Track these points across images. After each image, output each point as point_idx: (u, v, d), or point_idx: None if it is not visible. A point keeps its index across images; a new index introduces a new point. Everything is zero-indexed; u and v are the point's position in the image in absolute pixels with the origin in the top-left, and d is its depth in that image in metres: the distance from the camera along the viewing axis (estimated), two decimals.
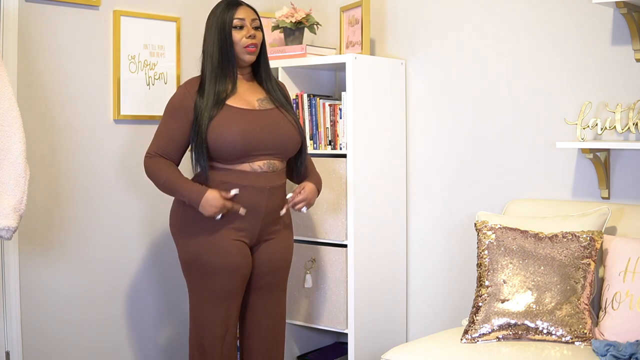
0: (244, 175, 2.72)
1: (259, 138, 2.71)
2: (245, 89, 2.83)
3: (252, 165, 2.73)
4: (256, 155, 2.73)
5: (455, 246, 3.41)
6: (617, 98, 2.92)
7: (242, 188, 2.71)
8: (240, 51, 2.76)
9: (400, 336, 3.52)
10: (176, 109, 2.77)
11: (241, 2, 2.81)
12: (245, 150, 2.70)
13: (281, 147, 2.77)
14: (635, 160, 2.92)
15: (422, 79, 3.50)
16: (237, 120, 2.71)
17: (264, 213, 2.76)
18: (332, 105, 3.33)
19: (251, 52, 2.77)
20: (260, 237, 2.81)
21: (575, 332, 2.56)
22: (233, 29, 2.75)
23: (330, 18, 3.77)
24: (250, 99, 2.80)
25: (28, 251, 2.97)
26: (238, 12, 2.76)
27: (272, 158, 2.76)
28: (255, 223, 2.76)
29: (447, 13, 3.40)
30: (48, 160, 3.03)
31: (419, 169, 3.52)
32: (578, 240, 2.67)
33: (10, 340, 2.93)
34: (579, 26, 3.03)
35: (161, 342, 3.45)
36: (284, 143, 2.78)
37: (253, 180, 2.73)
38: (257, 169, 2.74)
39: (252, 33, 2.76)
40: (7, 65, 2.82)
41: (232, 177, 2.72)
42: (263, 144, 2.73)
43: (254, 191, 2.72)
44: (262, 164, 2.74)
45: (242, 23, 2.76)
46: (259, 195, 2.73)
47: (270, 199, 2.76)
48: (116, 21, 3.19)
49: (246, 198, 2.71)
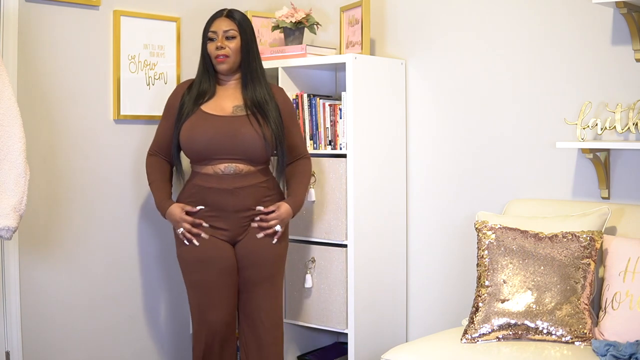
0: (208, 177, 2.93)
1: (219, 144, 2.90)
2: (227, 94, 3.01)
3: (214, 168, 2.92)
4: (218, 159, 2.91)
5: (455, 246, 3.41)
6: (617, 98, 2.92)
7: (208, 190, 2.92)
8: (213, 62, 2.99)
9: (400, 336, 3.52)
10: (166, 108, 3.07)
11: (221, 14, 3.00)
12: (208, 154, 2.91)
13: (242, 153, 2.92)
14: (635, 160, 2.92)
15: (422, 79, 3.50)
16: (203, 126, 2.92)
17: (233, 212, 2.93)
18: (332, 105, 3.33)
19: (220, 62, 2.97)
20: (239, 234, 2.95)
21: (575, 332, 2.56)
22: (208, 41, 2.99)
23: (330, 18, 3.77)
24: (227, 105, 2.99)
25: (28, 251, 2.97)
26: (213, 24, 2.99)
27: (235, 162, 2.92)
28: (227, 222, 2.94)
29: (447, 13, 3.40)
30: (48, 160, 3.03)
31: (418, 169, 3.52)
32: (578, 240, 2.67)
33: (10, 340, 2.93)
34: (579, 26, 3.03)
35: (161, 341, 3.45)
36: (244, 149, 2.91)
37: (216, 182, 2.92)
38: (219, 172, 2.92)
39: (220, 44, 2.95)
40: (7, 65, 2.82)
41: (200, 179, 2.95)
42: (224, 150, 2.90)
43: (219, 192, 2.91)
44: (224, 167, 2.92)
45: (214, 35, 2.98)
46: (223, 196, 2.91)
47: (237, 199, 2.92)
48: (116, 21, 3.19)
49: (212, 199, 2.92)
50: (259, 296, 2.96)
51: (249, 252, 2.95)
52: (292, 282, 3.43)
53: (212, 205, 2.92)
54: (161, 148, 3.05)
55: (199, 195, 2.94)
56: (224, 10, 3.01)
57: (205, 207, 2.93)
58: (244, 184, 2.92)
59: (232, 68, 2.99)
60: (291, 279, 3.43)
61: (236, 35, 2.97)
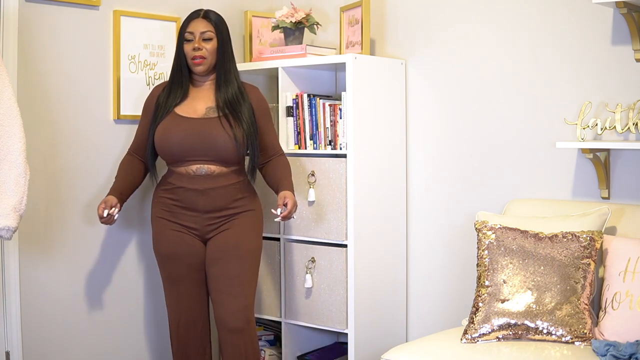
0: (180, 177, 2.98)
1: (191, 145, 2.93)
2: (200, 96, 3.03)
3: (187, 169, 2.97)
4: (190, 161, 2.95)
5: (455, 246, 3.41)
6: (617, 98, 2.92)
7: (180, 189, 2.98)
8: (189, 62, 3.00)
9: (400, 336, 3.52)
10: (144, 109, 3.11)
11: (198, 14, 3.01)
12: (180, 156, 2.95)
13: (214, 155, 2.95)
14: (635, 160, 2.92)
15: (422, 79, 3.49)
16: (176, 128, 2.95)
17: (203, 211, 2.98)
18: (332, 105, 3.33)
19: (197, 64, 2.99)
20: (208, 232, 3.01)
21: (575, 332, 2.56)
22: (184, 42, 3.00)
23: (330, 18, 3.77)
24: (199, 106, 3.01)
25: (28, 251, 2.98)
26: (190, 25, 3.00)
27: (207, 163, 2.96)
28: (197, 220, 2.99)
29: (447, 13, 3.40)
30: (48, 160, 3.03)
31: (418, 169, 3.52)
32: (578, 240, 2.67)
33: (10, 340, 2.93)
34: (579, 26, 3.02)
35: (160, 341, 3.45)
36: (216, 151, 2.94)
37: (188, 182, 2.97)
38: (190, 173, 2.96)
39: (197, 46, 2.97)
40: (7, 65, 2.82)
41: (173, 178, 3.01)
42: (196, 151, 2.94)
43: (190, 192, 2.97)
44: (196, 168, 2.96)
45: (191, 36, 2.99)
46: (195, 196, 2.96)
47: (208, 200, 2.96)
48: (116, 21, 3.19)
49: (184, 198, 2.98)
50: (225, 296, 2.96)
51: (216, 249, 2.99)
52: (292, 282, 3.43)
53: (183, 204, 2.98)
54: (138, 148, 3.09)
55: (172, 192, 2.99)
56: (200, 11, 3.02)
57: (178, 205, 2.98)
58: (216, 184, 2.96)
59: (208, 69, 3.01)
60: (291, 279, 3.43)
61: (213, 37, 2.99)
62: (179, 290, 3.02)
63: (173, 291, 3.04)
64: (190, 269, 3.01)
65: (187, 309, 3.04)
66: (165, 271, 3.05)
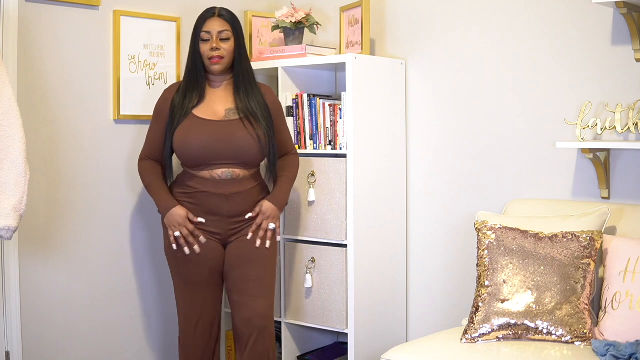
0: (204, 182, 2.91)
1: (216, 149, 2.87)
2: (217, 97, 2.98)
3: (211, 173, 2.90)
4: (215, 164, 2.89)
5: (455, 246, 3.41)
6: (617, 98, 2.92)
7: (203, 194, 2.90)
8: (206, 62, 2.94)
9: (400, 336, 3.52)
10: (156, 113, 3.02)
11: (213, 13, 2.94)
12: (204, 160, 2.88)
13: (239, 158, 2.90)
14: (635, 160, 2.92)
15: (422, 79, 3.50)
16: (198, 131, 2.88)
17: (227, 216, 2.93)
18: (332, 105, 3.33)
19: (214, 64, 2.92)
20: (230, 236, 2.96)
21: (575, 332, 2.56)
22: (201, 42, 2.94)
23: (330, 18, 3.77)
24: (219, 108, 2.96)
25: (28, 251, 2.98)
26: (206, 24, 2.93)
27: (232, 167, 2.90)
28: (220, 225, 2.94)
29: (447, 13, 3.40)
30: (48, 160, 3.03)
31: (418, 169, 3.52)
32: (578, 240, 2.67)
33: (10, 340, 2.93)
34: (579, 26, 3.03)
35: (161, 342, 3.45)
36: (241, 154, 2.90)
37: (213, 187, 2.90)
38: (215, 177, 2.90)
39: (215, 45, 2.90)
40: (7, 65, 2.82)
41: (194, 182, 2.92)
42: (221, 155, 2.88)
43: (214, 197, 2.90)
44: (221, 172, 2.90)
45: (208, 36, 2.92)
46: (219, 201, 2.90)
47: (232, 205, 2.92)
48: (116, 21, 3.19)
49: (207, 203, 2.91)
50: (249, 297, 2.94)
51: (239, 252, 2.95)
52: (292, 282, 3.43)
53: (206, 208, 2.91)
54: (153, 153, 3.01)
55: (193, 197, 2.92)
56: (214, 10, 2.96)
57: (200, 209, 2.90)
58: (240, 189, 2.92)
59: (225, 69, 2.97)
60: (291, 279, 3.44)
61: (230, 37, 2.93)
62: (197, 293, 2.96)
63: (190, 295, 2.96)
64: (212, 273, 2.96)
65: (205, 312, 2.98)
66: (183, 275, 2.96)
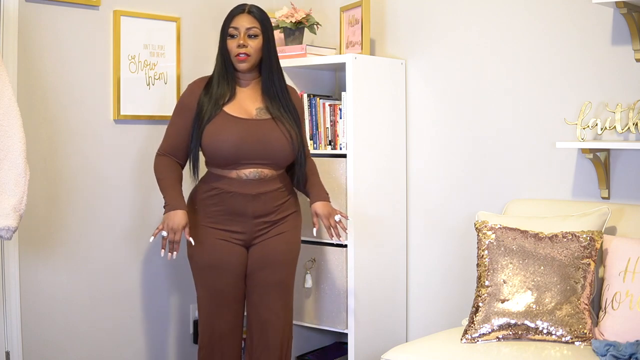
0: (230, 182, 2.83)
1: (248, 148, 2.80)
2: (247, 95, 2.91)
3: (239, 173, 2.83)
4: (244, 164, 2.82)
5: (455, 246, 3.41)
6: (617, 98, 2.92)
7: (229, 194, 2.83)
8: (233, 59, 2.87)
9: (400, 336, 3.52)
10: (181, 107, 2.91)
11: (242, 9, 2.88)
12: (234, 159, 2.81)
13: (271, 158, 2.84)
14: (635, 160, 2.92)
15: (422, 79, 3.50)
16: (230, 129, 2.80)
17: (252, 217, 2.86)
18: (332, 105, 3.33)
19: (241, 61, 2.85)
20: (255, 238, 2.89)
21: (575, 332, 2.56)
22: (228, 38, 2.86)
23: (330, 18, 3.77)
24: (249, 107, 2.88)
25: (28, 251, 2.97)
26: (234, 20, 2.86)
27: (261, 167, 2.84)
28: (245, 227, 2.86)
29: (447, 13, 3.41)
30: (48, 160, 3.03)
31: (418, 169, 3.52)
32: (578, 240, 2.67)
33: (10, 340, 2.93)
34: (579, 26, 3.03)
35: (161, 341, 3.45)
36: (274, 154, 2.84)
37: (239, 187, 2.83)
38: (242, 177, 2.83)
39: (242, 42, 2.83)
40: (7, 65, 2.82)
41: (220, 182, 2.85)
42: (252, 154, 2.81)
43: (240, 197, 2.83)
44: (249, 172, 2.83)
45: (235, 32, 2.85)
46: (245, 201, 2.84)
47: (257, 205, 2.85)
48: (116, 21, 3.19)
49: (232, 204, 2.84)
50: (271, 299, 2.90)
51: (263, 254, 2.88)
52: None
53: (231, 209, 2.84)
54: (174, 149, 2.89)
55: (218, 198, 2.85)
56: (244, 6, 2.87)
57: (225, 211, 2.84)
58: (267, 189, 2.85)
59: (252, 67, 2.88)
60: None
61: (258, 34, 2.84)
62: (221, 299, 2.87)
63: (216, 307, 2.87)
64: (237, 278, 2.88)
65: (231, 318, 2.89)
66: (208, 281, 2.87)
